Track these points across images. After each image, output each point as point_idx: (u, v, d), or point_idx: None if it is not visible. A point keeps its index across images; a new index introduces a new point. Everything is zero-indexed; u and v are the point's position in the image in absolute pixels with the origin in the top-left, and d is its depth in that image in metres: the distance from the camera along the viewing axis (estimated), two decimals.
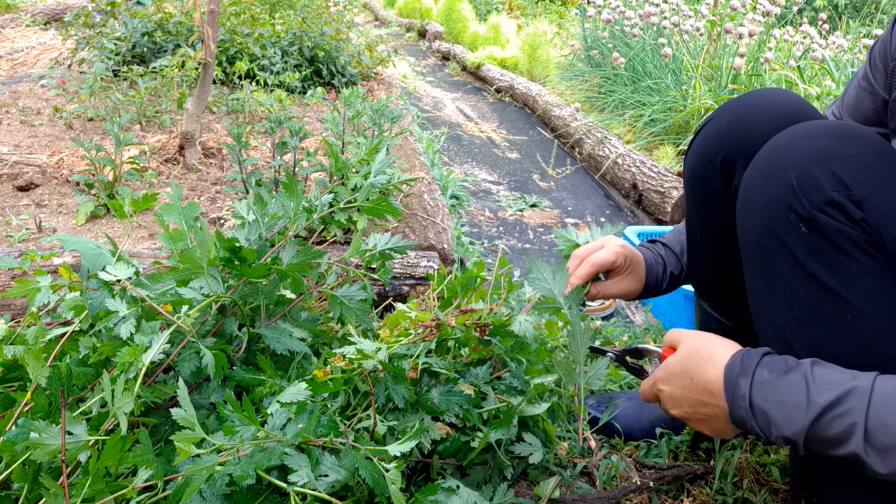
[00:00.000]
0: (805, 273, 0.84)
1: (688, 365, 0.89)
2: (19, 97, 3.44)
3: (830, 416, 0.75)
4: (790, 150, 0.85)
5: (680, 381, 0.90)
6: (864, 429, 0.74)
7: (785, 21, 6.41)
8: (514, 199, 3.11)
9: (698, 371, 0.88)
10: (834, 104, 1.19)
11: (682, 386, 0.90)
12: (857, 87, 1.11)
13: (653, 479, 1.22)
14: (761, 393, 0.80)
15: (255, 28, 4.15)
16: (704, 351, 0.89)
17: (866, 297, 0.81)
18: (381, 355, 1.04)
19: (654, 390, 0.96)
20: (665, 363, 0.94)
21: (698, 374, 0.87)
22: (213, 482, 0.86)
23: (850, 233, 0.80)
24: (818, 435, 0.77)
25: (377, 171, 1.36)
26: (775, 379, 0.80)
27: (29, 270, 1.25)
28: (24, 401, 0.96)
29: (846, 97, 1.15)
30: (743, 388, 0.82)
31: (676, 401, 0.92)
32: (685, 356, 0.91)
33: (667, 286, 1.27)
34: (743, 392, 0.82)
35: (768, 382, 0.80)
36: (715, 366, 0.86)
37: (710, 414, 0.87)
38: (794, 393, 0.78)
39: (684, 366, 0.90)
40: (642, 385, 1.01)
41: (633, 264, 1.22)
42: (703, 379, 0.87)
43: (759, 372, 0.82)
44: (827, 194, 0.80)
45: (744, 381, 0.82)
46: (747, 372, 0.82)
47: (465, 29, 7.79)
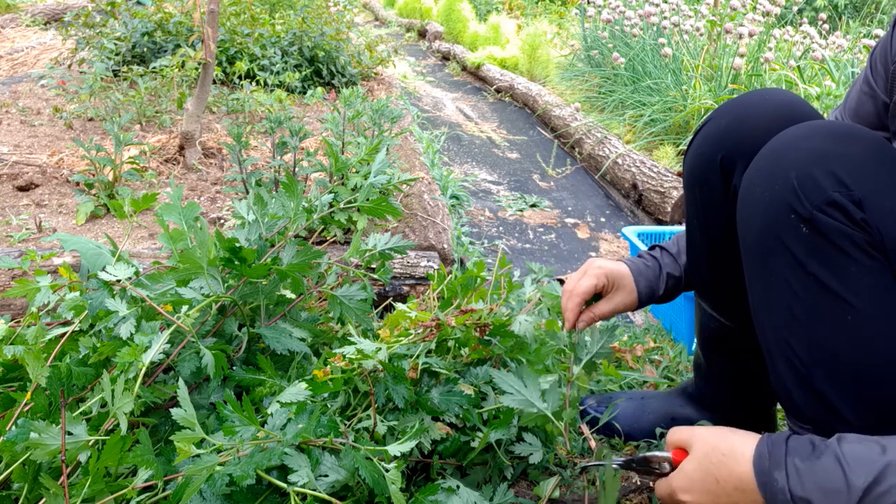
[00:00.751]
0: (805, 273, 0.83)
1: (708, 467, 0.85)
2: (19, 97, 3.44)
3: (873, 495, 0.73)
4: (791, 150, 0.85)
5: (704, 486, 0.86)
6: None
7: (785, 21, 6.41)
8: (514, 199, 3.11)
9: (723, 471, 0.84)
10: (837, 109, 1.19)
11: (708, 491, 0.85)
12: (859, 91, 1.11)
13: (653, 479, 1.22)
14: (799, 484, 0.77)
15: (255, 28, 4.15)
16: (723, 447, 0.85)
17: (866, 297, 0.81)
18: (381, 355, 1.04)
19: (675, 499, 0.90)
20: (682, 470, 0.89)
21: (724, 475, 0.84)
22: (213, 482, 0.86)
23: (851, 233, 0.80)
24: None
25: (377, 172, 1.36)
26: (809, 466, 0.77)
27: (29, 270, 1.25)
28: (24, 401, 0.96)
29: (849, 101, 1.15)
30: (780, 481, 0.78)
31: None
32: (703, 457, 0.86)
33: (666, 289, 1.27)
34: (780, 486, 0.78)
35: (804, 471, 0.77)
36: (739, 462, 0.82)
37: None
38: (831, 479, 0.75)
39: (705, 468, 0.86)
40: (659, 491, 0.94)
41: (617, 279, 1.23)
42: (731, 479, 0.83)
43: (791, 461, 0.79)
44: (827, 194, 0.80)
45: (779, 473, 0.79)
46: (779, 464, 0.79)
47: (465, 29, 7.80)
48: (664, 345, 1.76)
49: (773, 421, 1.32)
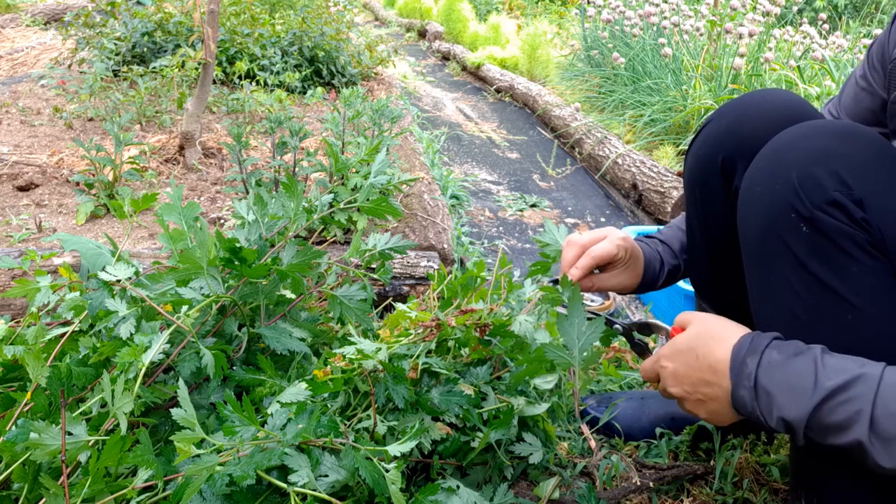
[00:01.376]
0: (806, 273, 0.83)
1: (695, 343, 0.88)
2: (19, 97, 3.44)
3: (836, 400, 0.74)
4: (791, 150, 0.85)
5: (685, 359, 0.89)
6: (871, 416, 0.72)
7: (785, 21, 6.41)
8: (514, 199, 3.11)
9: (705, 349, 0.86)
10: (830, 103, 1.19)
11: (687, 363, 0.88)
12: (855, 86, 1.11)
13: (653, 480, 1.22)
14: (768, 373, 0.79)
15: (255, 28, 4.15)
16: (714, 330, 0.87)
17: (867, 297, 0.81)
18: (381, 355, 1.04)
19: (657, 367, 0.94)
20: (673, 340, 0.93)
21: (705, 352, 0.86)
22: (213, 482, 0.86)
23: (852, 233, 0.80)
24: (821, 420, 0.75)
25: (377, 172, 1.36)
26: (784, 360, 0.79)
27: (29, 270, 1.25)
28: (24, 401, 0.96)
29: (843, 96, 1.15)
30: (750, 366, 0.80)
31: (678, 378, 0.90)
32: (694, 335, 0.89)
33: (663, 282, 1.27)
34: (749, 371, 0.80)
35: (777, 363, 0.79)
36: (723, 345, 0.84)
37: (710, 394, 0.86)
38: (801, 375, 0.77)
39: (692, 344, 0.88)
40: (645, 362, 0.98)
41: (633, 258, 1.20)
42: (709, 357, 0.85)
43: (768, 353, 0.80)
44: (828, 194, 0.80)
45: (751, 360, 0.81)
46: (756, 352, 0.81)
47: (465, 29, 7.79)
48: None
49: None
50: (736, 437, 1.30)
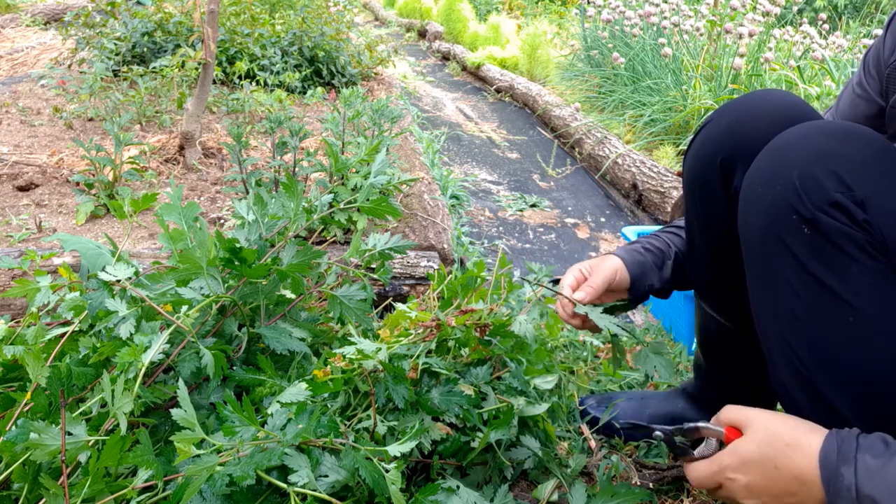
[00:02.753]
0: (807, 274, 0.83)
1: (769, 452, 0.82)
2: (19, 97, 3.44)
3: None
4: (792, 150, 0.85)
5: (760, 470, 0.83)
6: None
7: (785, 21, 6.41)
8: (514, 199, 3.11)
9: (784, 459, 0.81)
10: (828, 111, 1.19)
11: (764, 475, 0.83)
12: (852, 93, 1.11)
13: (652, 480, 1.22)
14: (869, 482, 0.74)
15: (255, 28, 4.15)
16: (787, 436, 0.82)
17: (867, 298, 0.81)
18: (382, 355, 1.04)
19: (722, 479, 0.87)
20: (736, 450, 0.86)
21: (784, 463, 0.81)
22: (213, 482, 0.86)
23: (853, 234, 0.80)
24: None
25: (377, 172, 1.36)
26: (882, 465, 0.74)
27: (29, 270, 1.25)
28: (24, 401, 0.96)
29: (840, 104, 1.15)
30: (846, 477, 0.75)
31: (754, 491, 0.84)
32: (763, 442, 0.84)
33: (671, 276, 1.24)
34: (847, 482, 0.75)
35: (875, 469, 0.74)
36: (804, 454, 0.80)
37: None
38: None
39: (765, 453, 0.83)
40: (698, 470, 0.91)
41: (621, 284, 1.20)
42: (791, 468, 0.80)
43: (862, 458, 0.76)
44: (830, 195, 0.80)
45: (846, 469, 0.76)
46: (848, 460, 0.76)
47: (465, 29, 7.80)
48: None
49: None
50: None
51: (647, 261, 1.22)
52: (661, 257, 1.23)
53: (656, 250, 1.24)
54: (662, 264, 1.23)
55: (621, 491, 1.11)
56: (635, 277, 1.19)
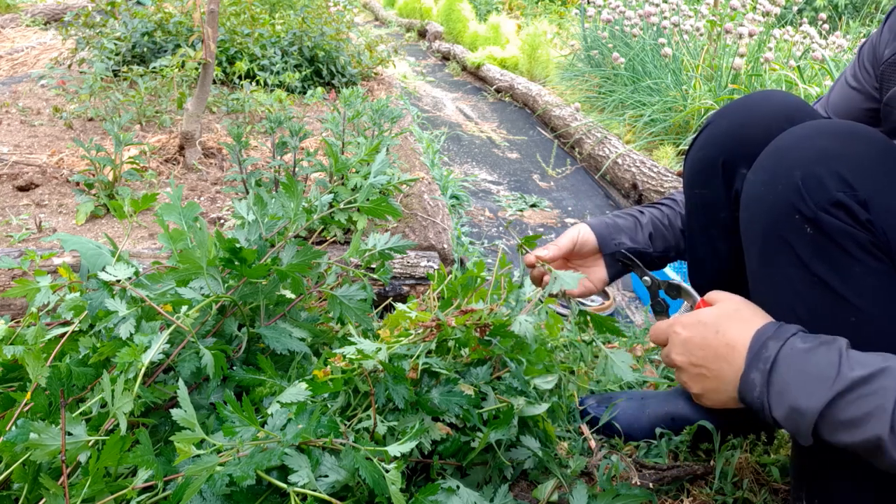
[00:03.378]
0: (809, 274, 0.83)
1: (720, 319, 0.86)
2: (19, 97, 3.44)
3: (857, 393, 0.72)
4: (794, 150, 0.85)
5: (703, 331, 0.86)
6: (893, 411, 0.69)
7: (785, 21, 6.41)
8: (514, 199, 3.11)
9: (728, 325, 0.84)
10: (818, 102, 1.19)
11: (703, 335, 0.86)
12: (845, 85, 1.11)
13: (652, 480, 1.22)
14: (787, 360, 0.77)
15: (255, 28, 4.15)
16: (743, 312, 0.86)
17: (870, 298, 0.81)
18: (382, 355, 1.04)
19: (670, 331, 0.92)
20: (698, 311, 0.90)
21: (726, 329, 0.84)
22: (213, 482, 0.86)
23: (855, 234, 0.80)
24: (837, 414, 0.73)
25: (377, 172, 1.36)
26: (808, 349, 0.76)
27: (29, 270, 1.25)
28: (24, 401, 0.96)
29: (832, 95, 1.15)
30: (770, 350, 0.78)
31: (688, 347, 0.87)
32: (723, 312, 0.87)
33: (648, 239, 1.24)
34: (768, 354, 0.78)
35: (799, 351, 0.77)
36: (747, 326, 0.83)
37: (716, 371, 0.84)
38: (824, 365, 0.74)
39: (716, 319, 0.86)
40: (659, 323, 0.96)
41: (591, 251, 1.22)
42: (729, 334, 0.83)
43: (793, 340, 0.78)
44: (832, 195, 0.80)
45: (774, 343, 0.79)
46: (780, 337, 0.79)
47: (465, 29, 7.79)
48: None
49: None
50: (736, 437, 1.30)
51: (615, 222, 1.24)
52: (631, 221, 1.24)
53: (626, 215, 1.26)
54: (634, 227, 1.24)
55: (622, 491, 1.11)
56: (601, 235, 1.21)
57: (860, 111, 1.08)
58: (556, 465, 1.19)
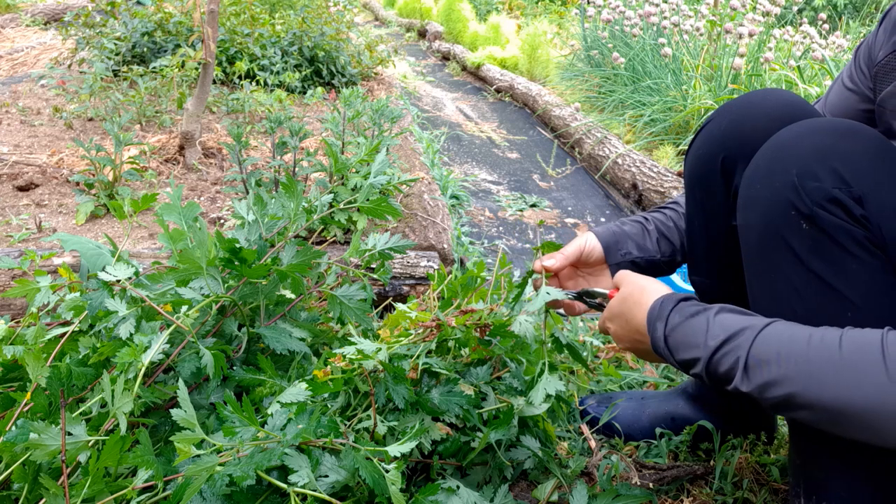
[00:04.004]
0: (806, 270, 0.84)
1: (623, 308, 0.99)
2: (19, 97, 3.44)
3: (720, 354, 0.83)
4: (791, 147, 0.85)
5: (619, 322, 1.00)
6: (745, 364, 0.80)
7: (785, 21, 6.41)
8: (514, 199, 3.11)
9: (630, 314, 0.97)
10: (817, 103, 1.19)
11: (621, 326, 1.00)
12: (842, 86, 1.11)
13: (652, 480, 1.22)
14: (672, 334, 0.89)
15: (255, 28, 4.15)
16: (636, 295, 0.98)
17: (866, 294, 0.81)
18: (382, 355, 1.04)
19: (605, 326, 1.06)
20: (609, 305, 1.04)
21: (630, 317, 0.97)
22: (213, 483, 0.86)
23: (851, 230, 0.80)
24: (714, 374, 0.84)
25: (377, 172, 1.36)
26: (682, 322, 0.88)
27: (29, 270, 1.25)
28: (24, 401, 0.96)
29: (830, 95, 1.15)
30: (659, 330, 0.91)
31: (619, 337, 1.02)
32: (622, 300, 1.00)
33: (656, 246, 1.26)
34: (659, 334, 0.91)
35: (677, 325, 0.89)
36: (642, 311, 0.95)
37: (643, 350, 0.97)
38: (694, 334, 0.86)
39: (622, 309, 0.99)
40: (599, 321, 1.09)
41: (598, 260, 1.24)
42: (633, 321, 0.96)
43: (672, 316, 0.90)
44: (828, 191, 0.80)
45: (660, 324, 0.91)
46: (662, 317, 0.91)
47: (465, 29, 7.79)
48: None
49: (773, 421, 1.32)
50: (736, 437, 1.30)
51: (622, 231, 1.25)
52: (638, 227, 1.26)
53: (633, 223, 1.26)
54: (642, 233, 1.25)
55: (622, 491, 1.11)
56: (608, 245, 1.24)
57: (856, 112, 1.08)
58: (556, 465, 1.19)
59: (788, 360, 0.77)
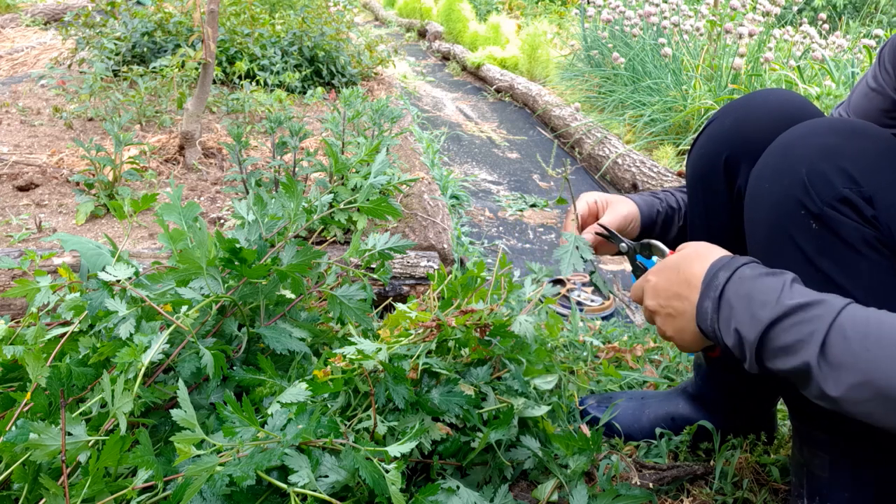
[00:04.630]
0: (814, 269, 0.83)
1: (681, 260, 0.91)
2: (19, 97, 3.44)
3: (793, 319, 0.74)
4: (800, 147, 0.85)
5: (667, 273, 0.92)
6: (824, 338, 0.72)
7: (785, 21, 6.41)
8: (514, 199, 3.11)
9: (687, 264, 0.89)
10: (841, 105, 1.18)
11: (668, 277, 0.91)
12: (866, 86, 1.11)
13: (652, 480, 1.22)
14: (735, 286, 0.81)
15: (255, 28, 4.15)
16: (702, 250, 0.90)
17: (875, 294, 0.81)
18: (382, 356, 1.04)
19: (643, 282, 0.97)
20: (664, 260, 0.96)
21: (685, 268, 0.89)
22: (213, 483, 0.86)
23: (861, 230, 0.80)
24: (774, 339, 0.76)
25: (377, 172, 1.36)
26: (754, 276, 0.80)
27: (29, 270, 1.25)
28: (24, 401, 0.96)
29: (853, 98, 1.15)
30: (720, 278, 0.83)
31: (657, 291, 0.93)
32: (683, 254, 0.92)
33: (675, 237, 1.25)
34: (718, 282, 0.82)
35: (746, 278, 0.81)
36: (703, 261, 0.87)
37: (679, 309, 0.88)
38: (766, 291, 0.78)
39: (678, 260, 0.92)
40: (636, 282, 1.01)
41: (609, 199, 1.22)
42: (687, 271, 0.88)
43: (742, 269, 0.82)
44: (838, 191, 0.80)
45: (724, 273, 0.83)
46: (730, 267, 0.83)
47: (465, 29, 7.79)
48: (664, 345, 1.76)
49: (773, 421, 1.32)
50: (736, 437, 1.30)
51: (660, 218, 1.24)
52: (671, 216, 1.25)
53: (669, 209, 1.25)
54: (670, 224, 1.25)
55: (622, 491, 1.11)
56: (646, 229, 1.23)
57: (879, 112, 1.08)
58: (556, 465, 1.19)
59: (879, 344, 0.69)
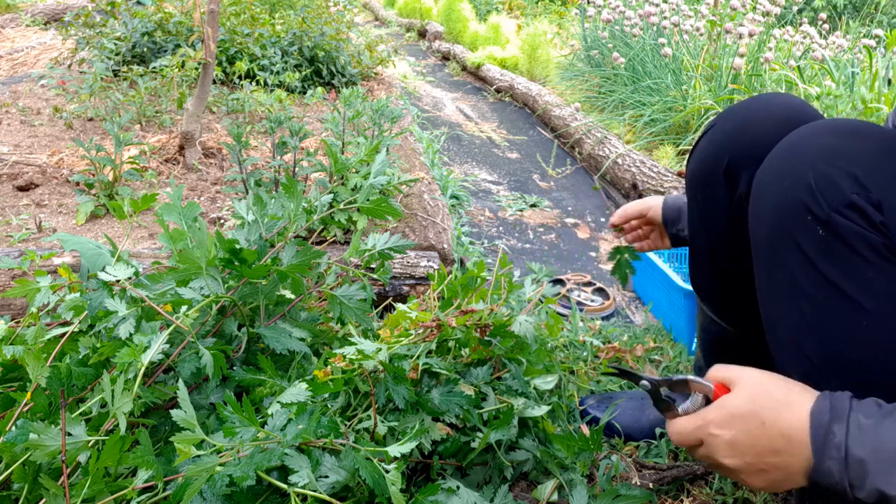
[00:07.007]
0: (820, 275, 0.81)
1: (757, 408, 0.78)
2: (19, 97, 3.44)
3: None
4: (805, 149, 0.84)
5: (746, 426, 0.78)
6: None
7: (785, 21, 6.41)
8: (514, 199, 3.11)
9: (773, 415, 0.77)
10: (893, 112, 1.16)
11: (749, 432, 0.78)
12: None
13: (652, 480, 1.22)
14: (857, 441, 0.70)
15: (255, 28, 4.15)
16: (778, 393, 0.78)
17: (882, 301, 0.79)
18: (382, 356, 1.04)
19: (704, 434, 0.82)
20: (723, 404, 0.81)
21: (773, 419, 0.76)
22: (213, 483, 0.86)
23: (868, 236, 0.78)
24: None
25: (377, 172, 1.36)
26: (875, 424, 0.70)
27: (29, 270, 1.25)
28: (24, 401, 0.96)
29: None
30: (838, 435, 0.71)
31: (737, 448, 0.79)
32: (753, 398, 0.79)
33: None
34: (838, 441, 0.71)
35: (868, 428, 0.70)
36: (794, 411, 0.76)
37: (778, 464, 0.77)
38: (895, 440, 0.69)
39: (753, 409, 0.78)
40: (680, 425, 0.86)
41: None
42: (779, 425, 0.76)
43: (855, 417, 0.72)
44: (846, 196, 0.78)
45: (838, 427, 0.72)
46: (841, 418, 0.72)
47: (465, 29, 7.79)
48: (664, 345, 1.76)
49: None
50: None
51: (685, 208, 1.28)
52: None
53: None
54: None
55: (622, 491, 1.11)
56: (668, 218, 1.28)
57: None
58: (556, 466, 1.19)
59: None
